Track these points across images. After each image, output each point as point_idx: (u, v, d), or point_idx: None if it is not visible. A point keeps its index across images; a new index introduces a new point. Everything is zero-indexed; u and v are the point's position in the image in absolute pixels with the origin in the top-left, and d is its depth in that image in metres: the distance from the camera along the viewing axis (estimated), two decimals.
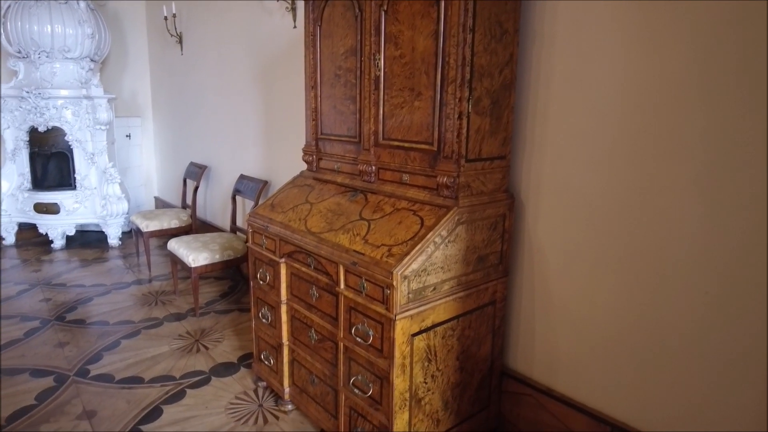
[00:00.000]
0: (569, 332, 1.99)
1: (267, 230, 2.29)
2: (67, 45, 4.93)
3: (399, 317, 1.66)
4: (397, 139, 2.01)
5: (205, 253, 3.34)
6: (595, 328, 1.90)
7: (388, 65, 1.99)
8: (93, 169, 5.04)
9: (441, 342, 1.84)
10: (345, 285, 1.85)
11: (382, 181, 2.10)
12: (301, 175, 2.57)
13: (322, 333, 2.07)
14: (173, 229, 4.31)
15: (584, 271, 1.91)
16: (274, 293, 2.31)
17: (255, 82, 3.84)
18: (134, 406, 2.43)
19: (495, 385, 2.17)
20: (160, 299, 3.75)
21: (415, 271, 1.67)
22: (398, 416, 1.75)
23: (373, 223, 1.90)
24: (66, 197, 5.02)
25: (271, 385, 2.46)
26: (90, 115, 4.95)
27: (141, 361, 2.85)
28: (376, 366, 1.76)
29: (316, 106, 2.43)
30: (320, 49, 2.36)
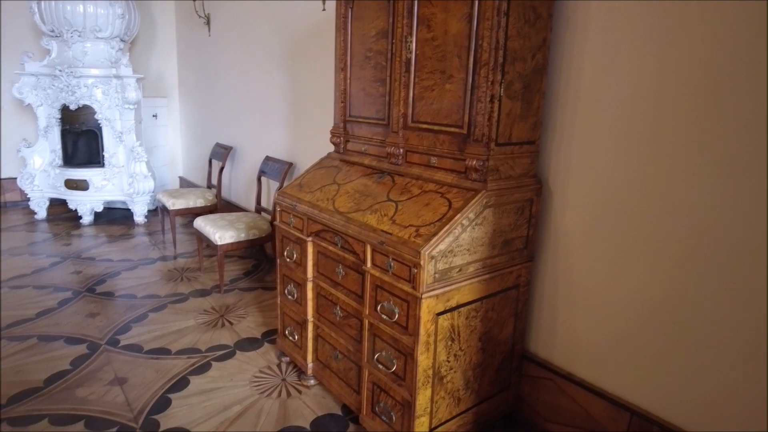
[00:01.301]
0: (591, 318, 2.01)
1: (295, 209, 2.34)
2: (98, 24, 5.02)
3: (425, 296, 1.69)
4: (426, 121, 2.02)
5: (231, 231, 3.41)
6: (617, 315, 1.91)
7: (420, 48, 2.00)
8: (121, 148, 5.15)
9: (464, 322, 1.88)
10: (372, 264, 1.89)
11: (410, 163, 2.12)
12: (328, 156, 2.61)
13: (347, 310, 2.11)
14: (198, 208, 4.39)
15: (609, 259, 1.92)
16: (300, 271, 2.37)
17: (281, 64, 3.87)
18: (162, 375, 2.52)
19: (515, 368, 2.19)
20: (185, 275, 3.85)
21: (442, 252, 1.70)
22: (421, 392, 1.80)
23: (401, 204, 1.93)
24: (95, 174, 5.15)
25: (295, 360, 2.53)
26: (119, 94, 5.04)
27: (168, 334, 2.94)
28: (400, 343, 1.81)
29: (345, 88, 2.45)
30: (351, 31, 2.37)
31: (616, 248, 1.89)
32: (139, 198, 5.19)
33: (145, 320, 3.10)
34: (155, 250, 4.46)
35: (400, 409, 1.88)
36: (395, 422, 1.90)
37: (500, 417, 2.21)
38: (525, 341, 2.25)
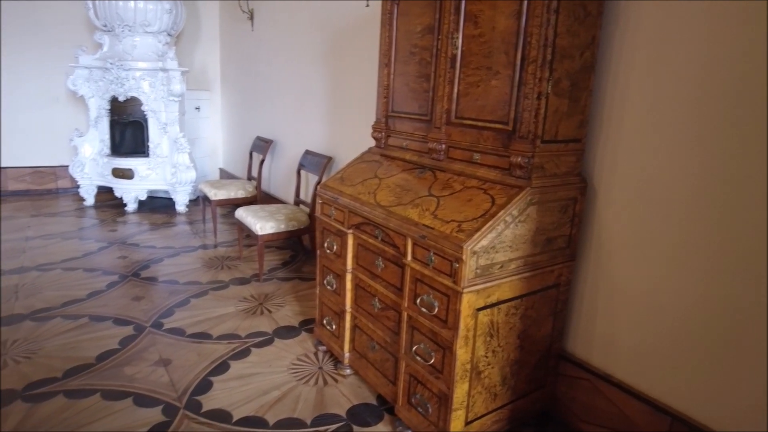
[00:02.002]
0: (632, 320, 1.98)
1: (336, 202, 2.38)
2: (147, 19, 5.20)
3: (466, 291, 1.71)
4: (470, 117, 2.03)
5: (271, 222, 3.50)
6: (660, 317, 1.88)
7: (466, 44, 2.01)
8: (165, 138, 5.33)
9: (504, 319, 1.88)
10: (412, 257, 1.92)
11: (452, 159, 2.13)
12: (369, 151, 2.64)
13: (386, 302, 2.15)
14: (239, 199, 4.51)
15: (653, 260, 1.89)
16: (340, 262, 2.42)
17: (323, 59, 3.92)
18: (204, 358, 2.62)
19: (551, 367, 2.19)
20: (225, 264, 3.96)
21: (485, 248, 1.71)
22: (458, 386, 1.82)
23: (443, 199, 1.94)
24: (140, 164, 5.34)
25: (332, 349, 2.58)
26: (165, 86, 5.21)
27: (209, 319, 3.04)
28: (439, 336, 1.83)
29: (389, 84, 2.48)
30: (396, 27, 2.40)
31: (661, 250, 1.86)
32: (181, 188, 5.36)
33: (188, 305, 3.21)
34: (196, 238, 4.60)
35: (436, 401, 1.90)
36: (431, 414, 1.93)
37: (535, 415, 2.21)
38: (563, 340, 2.23)
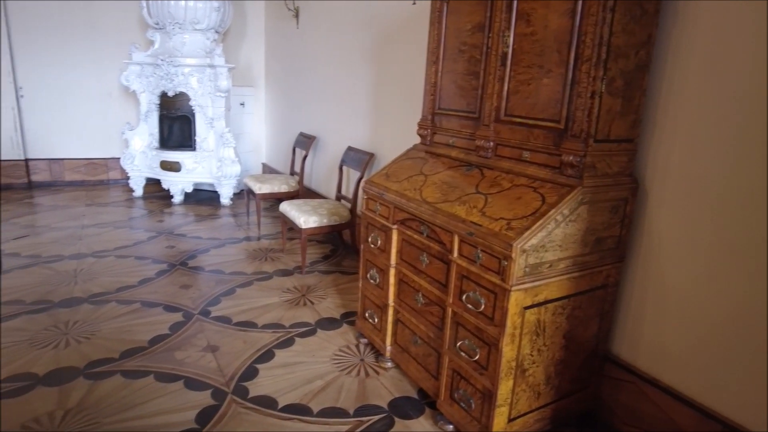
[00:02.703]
0: (682, 324, 1.94)
1: (382, 198, 2.42)
2: (196, 17, 5.37)
3: (514, 289, 1.71)
4: (520, 115, 2.03)
5: (314, 216, 3.57)
6: (712, 322, 1.84)
7: (517, 42, 2.01)
8: (211, 133, 5.49)
9: (551, 318, 1.88)
10: (458, 254, 1.94)
11: (499, 157, 2.14)
12: (414, 148, 2.67)
13: (430, 297, 2.17)
14: (282, 194, 4.62)
15: (705, 263, 1.85)
16: (384, 257, 2.45)
17: (367, 57, 3.97)
18: (250, 346, 2.71)
19: (596, 368, 2.17)
20: (269, 255, 4.07)
21: (534, 246, 1.71)
22: (503, 383, 1.83)
23: (491, 197, 1.95)
24: (187, 157, 5.53)
25: (373, 342, 2.63)
26: (212, 82, 5.37)
27: (254, 308, 3.14)
28: (485, 333, 1.84)
29: (436, 81, 2.49)
30: (445, 25, 2.41)
31: (714, 253, 1.82)
32: (226, 181, 5.52)
33: (233, 294, 3.32)
34: (240, 230, 4.74)
35: (480, 397, 1.92)
36: (474, 410, 1.95)
37: (577, 415, 2.20)
38: (608, 342, 2.21)
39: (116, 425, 2.06)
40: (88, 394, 2.25)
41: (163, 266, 3.76)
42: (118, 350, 2.60)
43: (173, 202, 5.61)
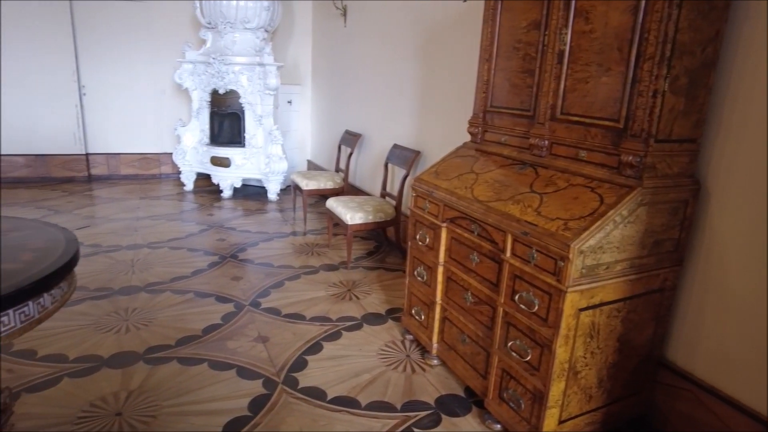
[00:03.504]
0: (746, 332, 1.87)
1: (431, 195, 2.43)
2: (247, 16, 5.51)
3: (570, 290, 1.69)
4: (576, 114, 2.00)
5: (360, 213, 3.62)
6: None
7: (575, 39, 1.98)
8: (260, 130, 5.63)
9: (605, 321, 1.85)
10: (511, 253, 1.93)
11: (554, 155, 2.11)
12: (464, 146, 2.67)
13: (479, 296, 2.17)
14: (328, 190, 4.70)
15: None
16: (432, 255, 2.47)
17: (415, 55, 3.98)
18: (299, 338, 2.78)
19: (649, 373, 2.11)
20: (315, 250, 4.15)
21: (592, 247, 1.69)
22: (555, 384, 1.81)
23: (546, 196, 1.93)
24: (236, 153, 5.69)
25: (419, 338, 2.64)
26: (261, 80, 5.51)
27: (301, 301, 3.22)
28: (538, 334, 1.83)
29: (488, 79, 2.48)
30: (499, 23, 2.39)
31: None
32: (274, 177, 5.65)
33: (282, 287, 3.41)
34: (287, 225, 4.85)
35: (530, 397, 1.91)
36: (523, 410, 1.94)
37: (629, 420, 2.15)
38: (663, 347, 2.15)
39: (174, 408, 2.16)
40: (148, 377, 2.36)
41: (214, 258, 3.89)
42: (174, 337, 2.72)
43: (222, 196, 5.80)
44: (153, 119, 6.58)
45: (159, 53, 6.33)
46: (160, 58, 6.33)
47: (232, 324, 2.90)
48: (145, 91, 6.48)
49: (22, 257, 1.49)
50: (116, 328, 2.79)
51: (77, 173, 6.44)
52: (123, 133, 6.57)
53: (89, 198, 5.63)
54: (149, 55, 6.34)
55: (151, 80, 6.44)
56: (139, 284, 3.36)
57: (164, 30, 6.30)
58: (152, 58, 6.36)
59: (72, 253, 1.56)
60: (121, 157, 6.67)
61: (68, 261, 1.50)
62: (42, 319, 1.39)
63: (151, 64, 6.37)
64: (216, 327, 2.86)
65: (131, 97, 6.46)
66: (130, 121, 6.53)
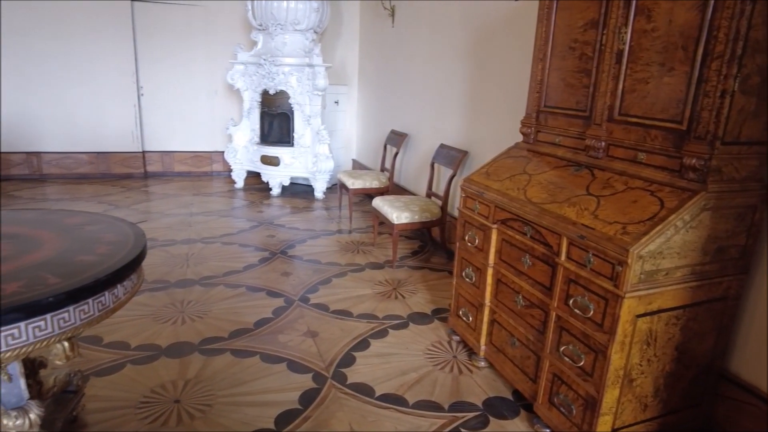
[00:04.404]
0: None
1: (482, 196, 2.42)
2: (297, 18, 5.63)
3: (628, 296, 1.65)
4: (635, 115, 1.94)
5: (406, 212, 3.64)
6: None
7: (635, 38, 1.93)
8: (308, 130, 5.74)
9: (663, 328, 1.79)
10: (566, 257, 1.90)
11: (611, 157, 2.06)
12: (516, 146, 2.64)
13: (531, 300, 2.15)
14: (373, 189, 4.74)
15: None
16: (481, 256, 2.46)
17: (464, 55, 3.96)
18: (346, 334, 2.83)
19: (710, 385, 2.03)
20: (360, 248, 4.21)
21: (651, 253, 1.64)
22: (609, 391, 1.77)
23: (603, 199, 1.89)
24: (285, 152, 5.82)
25: (467, 340, 2.64)
26: (310, 81, 5.61)
27: (349, 298, 3.27)
28: (592, 339, 1.79)
29: (542, 79, 2.44)
30: (555, 22, 2.35)
31: None
32: (321, 176, 5.75)
33: (330, 284, 3.48)
34: (333, 223, 4.93)
35: (582, 403, 1.87)
36: (575, 416, 1.91)
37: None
38: (725, 359, 2.06)
39: (229, 399, 2.24)
40: (203, 367, 2.46)
41: (264, 254, 4.01)
42: (227, 330, 2.82)
43: (271, 194, 5.95)
44: (206, 119, 6.82)
45: (212, 55, 6.56)
46: (213, 60, 6.56)
47: (282, 318, 2.98)
48: (198, 91, 6.73)
49: (97, 250, 1.60)
50: (173, 319, 2.93)
51: (134, 170, 6.76)
52: (177, 132, 6.84)
53: (145, 194, 5.90)
54: (203, 56, 6.58)
55: (204, 81, 6.68)
56: (193, 277, 3.50)
57: (217, 32, 6.51)
58: (206, 60, 6.59)
59: (141, 247, 1.65)
60: (174, 154, 6.95)
61: (138, 254, 1.59)
62: (116, 308, 1.48)
63: (204, 65, 6.61)
64: (267, 321, 2.95)
65: (185, 98, 6.72)
66: (184, 120, 6.80)
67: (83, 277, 1.38)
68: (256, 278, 3.53)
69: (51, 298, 1.26)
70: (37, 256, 1.52)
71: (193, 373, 2.42)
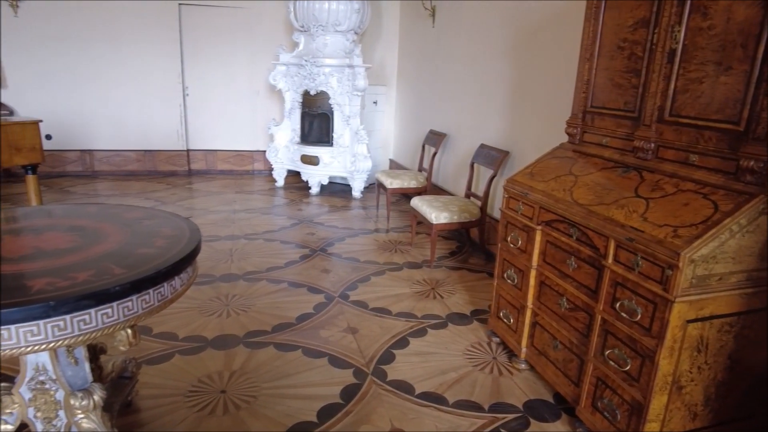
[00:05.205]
0: None
1: (526, 197, 2.41)
2: (338, 19, 5.70)
3: (678, 300, 1.62)
4: (688, 116, 1.90)
5: (445, 213, 3.64)
6: None
7: (690, 37, 1.88)
8: (347, 130, 5.81)
9: (715, 335, 1.74)
10: (614, 259, 1.87)
11: (661, 159, 2.01)
12: (561, 147, 2.61)
13: (575, 302, 2.13)
14: (411, 189, 4.76)
15: None
16: (524, 258, 2.44)
17: (506, 54, 3.93)
18: (386, 332, 2.86)
19: (765, 397, 1.96)
20: (398, 248, 4.23)
21: (704, 257, 1.60)
22: (656, 397, 1.74)
23: (652, 201, 1.86)
24: (324, 152, 5.91)
25: (507, 341, 2.63)
26: (350, 82, 5.68)
27: (387, 296, 3.30)
28: (639, 344, 1.76)
29: (589, 79, 2.41)
30: (603, 21, 2.32)
31: None
32: (359, 175, 5.81)
33: (368, 282, 3.52)
34: (370, 222, 4.98)
35: (627, 409, 1.84)
36: (620, 421, 1.88)
37: None
38: None
39: (273, 391, 2.31)
40: (248, 360, 2.54)
41: (305, 251, 4.09)
42: (270, 324, 2.90)
43: (310, 192, 6.05)
44: (248, 118, 7.00)
45: (254, 56, 6.72)
46: (255, 61, 6.72)
47: (323, 314, 3.04)
48: (241, 91, 6.91)
49: (156, 243, 1.68)
50: (218, 312, 3.03)
51: (179, 168, 7.00)
52: (220, 131, 7.05)
53: (189, 191, 6.10)
54: (245, 57, 6.75)
55: (246, 81, 6.86)
56: (237, 272, 3.61)
57: (260, 33, 6.67)
58: (248, 61, 6.76)
59: (196, 241, 1.73)
60: (217, 153, 7.16)
61: (194, 248, 1.66)
62: (173, 299, 1.56)
63: (246, 66, 6.78)
64: (309, 316, 3.01)
65: (228, 98, 6.91)
66: (227, 120, 7.00)
67: (145, 268, 1.46)
68: (297, 274, 3.61)
69: (117, 287, 1.34)
70: (103, 247, 1.61)
71: (238, 364, 2.50)
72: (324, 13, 5.67)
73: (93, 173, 6.73)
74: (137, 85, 6.56)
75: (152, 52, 6.48)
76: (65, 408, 1.63)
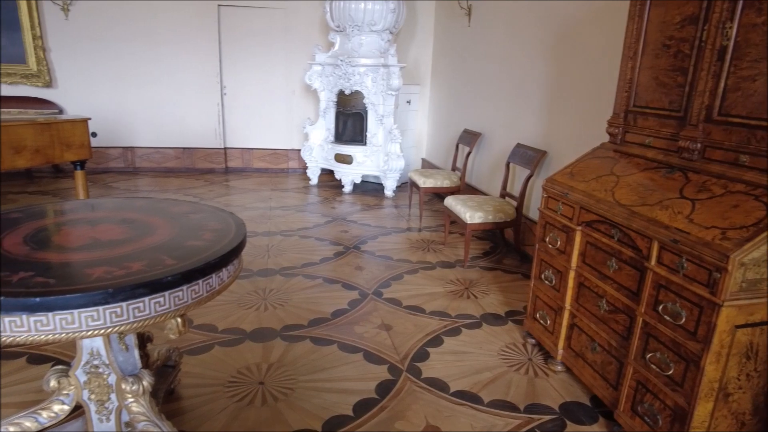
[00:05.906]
0: None
1: (566, 197, 2.38)
2: (374, 19, 5.74)
3: (726, 304, 1.58)
4: (739, 115, 1.84)
5: (479, 212, 3.63)
6: None
7: (742, 34, 1.82)
8: (381, 129, 5.85)
9: (766, 342, 1.69)
10: (657, 261, 1.83)
11: (707, 159, 1.96)
12: (602, 146, 2.57)
13: (615, 304, 2.09)
14: (444, 188, 4.76)
15: None
16: (563, 258, 2.42)
17: (544, 53, 3.88)
18: (420, 330, 2.87)
19: None
20: (431, 247, 4.24)
21: (755, 260, 1.56)
22: (701, 404, 1.70)
23: (698, 203, 1.81)
24: (358, 151, 5.96)
25: (543, 343, 2.60)
26: (384, 81, 5.71)
27: (421, 295, 3.31)
28: (683, 348, 1.73)
29: (632, 78, 2.37)
30: (648, 19, 2.27)
31: None
32: (391, 174, 5.84)
33: (401, 280, 3.54)
34: (403, 221, 5.00)
35: (669, 414, 1.80)
36: (660, 426, 1.84)
37: None
38: None
39: (309, 384, 2.35)
40: (285, 353, 2.60)
41: (339, 248, 4.14)
42: (306, 318, 2.95)
43: (343, 191, 6.12)
44: (283, 118, 7.12)
45: (290, 56, 6.83)
46: (291, 61, 6.83)
47: (357, 310, 3.08)
48: (277, 91, 7.03)
49: (203, 236, 1.74)
50: (256, 305, 3.10)
51: (216, 165, 7.18)
52: (256, 130, 7.19)
53: (226, 188, 6.25)
54: (282, 57, 6.87)
55: (283, 81, 6.97)
56: (274, 267, 3.68)
57: (296, 33, 6.77)
58: (284, 61, 6.87)
59: (242, 234, 1.78)
60: (254, 151, 7.31)
61: (241, 241, 1.71)
62: (220, 290, 1.61)
63: (282, 66, 6.90)
64: (343, 312, 3.05)
65: (265, 97, 7.04)
66: (263, 119, 7.13)
67: (195, 259, 1.51)
68: (332, 271, 3.66)
69: (169, 277, 1.40)
70: (154, 239, 1.68)
71: (276, 357, 2.56)
72: (360, 13, 5.72)
73: (134, 169, 6.97)
74: (176, 85, 6.75)
75: (191, 51, 6.66)
76: (117, 392, 1.71)
